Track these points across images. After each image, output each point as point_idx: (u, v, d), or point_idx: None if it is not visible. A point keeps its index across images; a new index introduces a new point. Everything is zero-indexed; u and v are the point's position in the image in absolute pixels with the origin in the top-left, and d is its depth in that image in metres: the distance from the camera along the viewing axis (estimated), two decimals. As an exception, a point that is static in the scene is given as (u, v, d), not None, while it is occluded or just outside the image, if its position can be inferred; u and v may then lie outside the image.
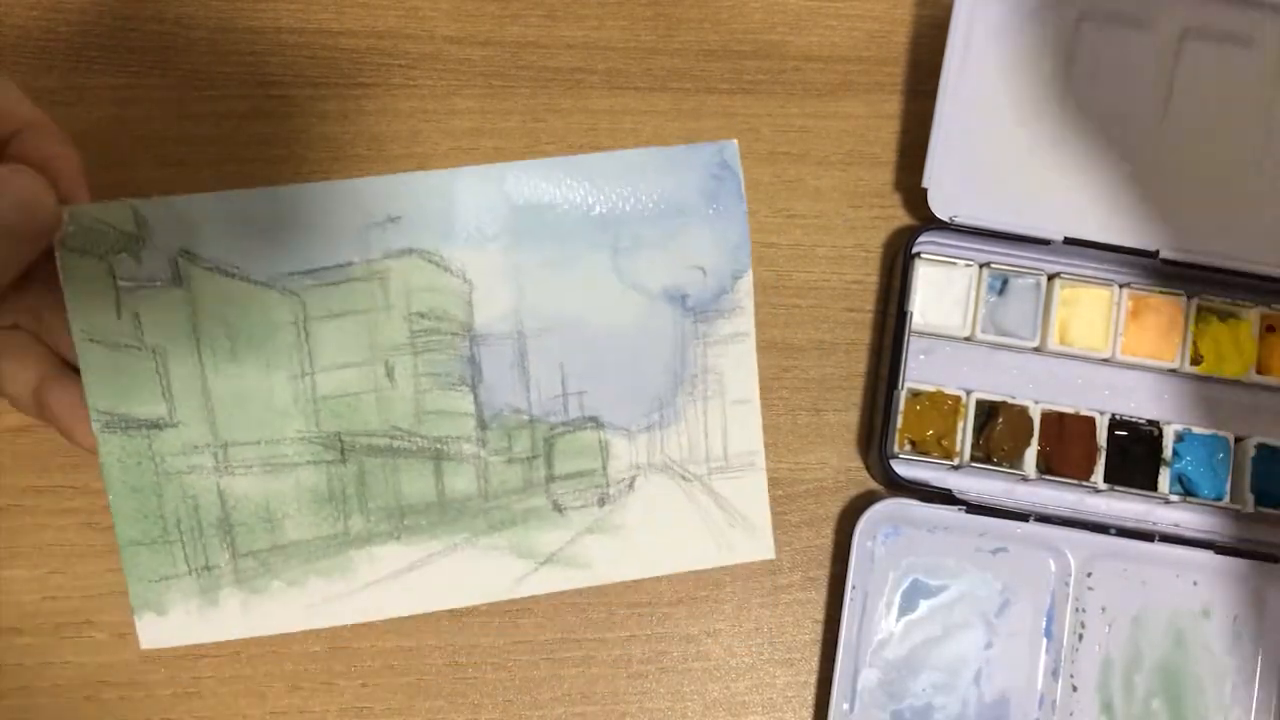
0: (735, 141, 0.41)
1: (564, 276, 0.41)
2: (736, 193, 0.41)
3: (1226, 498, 0.43)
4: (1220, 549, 0.43)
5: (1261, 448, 0.43)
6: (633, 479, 0.41)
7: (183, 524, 0.39)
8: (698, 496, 0.42)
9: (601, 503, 0.41)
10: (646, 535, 0.41)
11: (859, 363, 0.45)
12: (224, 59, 0.45)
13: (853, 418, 0.45)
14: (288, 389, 0.40)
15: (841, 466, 0.45)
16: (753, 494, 0.42)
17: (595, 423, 0.41)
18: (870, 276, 0.46)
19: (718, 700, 0.43)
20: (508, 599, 0.41)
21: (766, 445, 0.44)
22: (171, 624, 0.39)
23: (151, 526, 0.39)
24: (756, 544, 0.42)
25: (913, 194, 0.45)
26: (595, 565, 0.41)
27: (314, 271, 0.40)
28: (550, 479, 0.41)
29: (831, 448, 0.45)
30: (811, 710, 0.43)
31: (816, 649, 0.44)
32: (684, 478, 0.42)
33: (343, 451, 0.40)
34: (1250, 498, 0.43)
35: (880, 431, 0.43)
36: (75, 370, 0.37)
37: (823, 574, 0.44)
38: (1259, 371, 0.44)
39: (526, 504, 0.41)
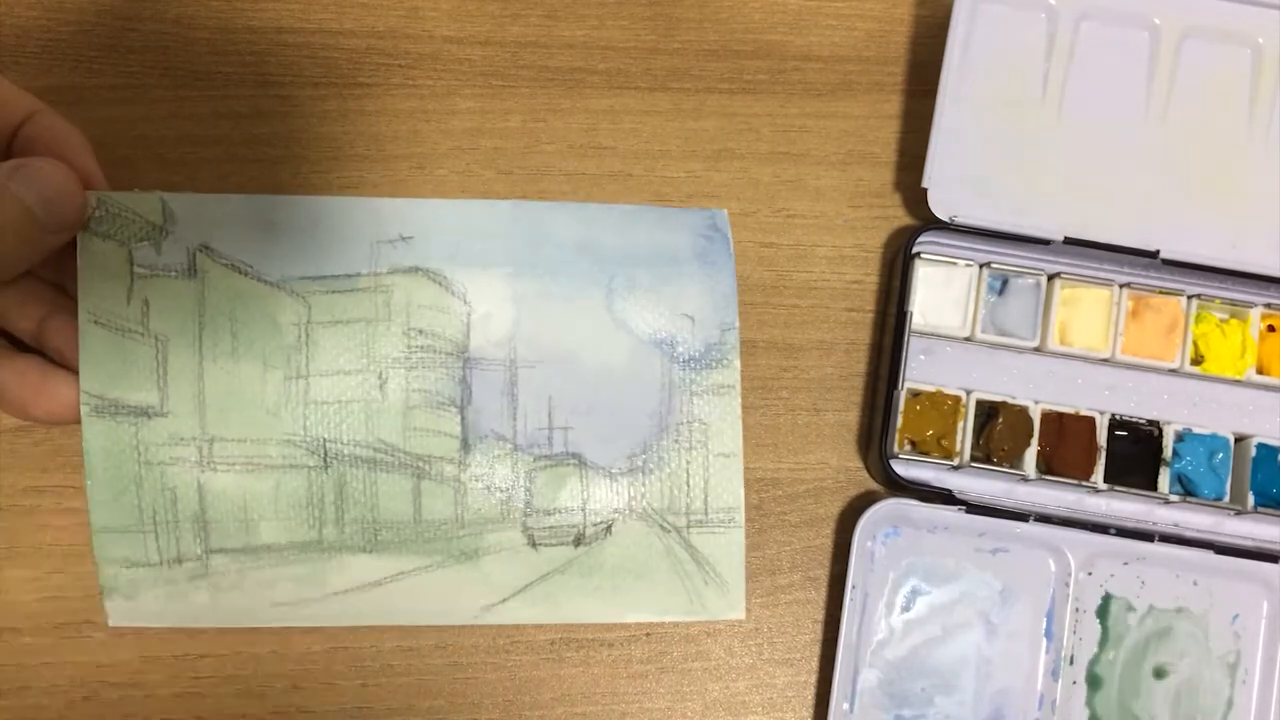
0: (725, 210, 0.43)
1: (560, 309, 0.42)
2: (726, 252, 0.43)
3: (1226, 498, 0.43)
4: (1220, 549, 0.43)
5: (1261, 448, 0.43)
6: (610, 523, 0.42)
7: (158, 515, 0.40)
8: (674, 549, 0.42)
9: (577, 543, 0.41)
10: (619, 581, 0.42)
11: (859, 363, 0.45)
12: (224, 59, 0.45)
13: (853, 418, 0.45)
14: (281, 389, 0.40)
15: (841, 466, 0.45)
16: (729, 553, 0.42)
17: (578, 460, 0.42)
18: (870, 276, 0.46)
19: (718, 700, 0.43)
20: (471, 625, 0.41)
21: (766, 445, 0.44)
22: (139, 608, 0.40)
23: (126, 515, 0.39)
24: (728, 603, 0.42)
25: (913, 194, 0.45)
26: (563, 605, 0.41)
27: (323, 278, 0.41)
28: (528, 512, 0.41)
29: (831, 448, 0.45)
30: (811, 710, 0.43)
31: (816, 649, 0.44)
32: (663, 528, 0.42)
33: (325, 459, 0.40)
34: (1250, 498, 0.43)
35: (880, 431, 0.43)
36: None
37: (823, 574, 0.44)
38: (1259, 371, 0.44)
39: (501, 534, 0.41)
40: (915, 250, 0.43)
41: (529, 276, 0.42)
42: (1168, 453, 0.43)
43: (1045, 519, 0.43)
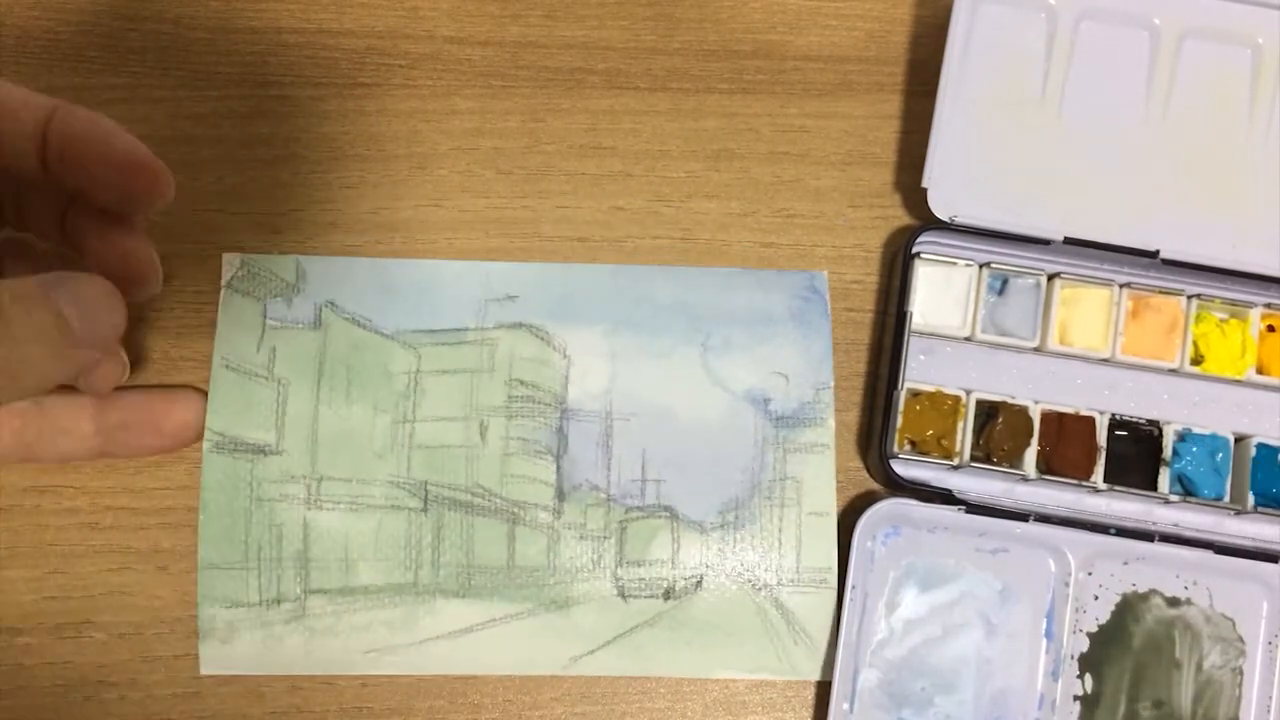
0: (825, 273, 0.45)
1: (656, 365, 0.43)
2: (823, 313, 0.44)
3: (1226, 498, 0.43)
4: (1220, 549, 0.43)
5: (1261, 448, 0.43)
6: (701, 577, 0.42)
7: (263, 552, 0.41)
8: (765, 607, 0.42)
9: (667, 596, 0.42)
10: (707, 637, 0.42)
11: (859, 363, 0.45)
12: (224, 59, 0.45)
13: (853, 418, 0.45)
14: (389, 433, 0.42)
15: (841, 466, 0.45)
16: (820, 612, 0.42)
17: (670, 513, 0.42)
18: (870, 276, 0.46)
19: (718, 700, 0.43)
20: (560, 675, 0.42)
21: (766, 445, 0.44)
22: (233, 652, 0.41)
23: (233, 551, 0.41)
24: (816, 664, 0.42)
25: (913, 194, 0.45)
26: (652, 658, 0.42)
27: (434, 332, 0.43)
28: (620, 563, 0.42)
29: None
30: (811, 710, 0.43)
31: (816, 649, 0.44)
32: (753, 585, 0.42)
33: (426, 501, 0.42)
34: (1250, 498, 0.43)
35: (880, 431, 0.43)
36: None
37: (823, 574, 0.44)
38: (1259, 371, 0.44)
39: (592, 584, 0.42)
40: (915, 250, 0.43)
41: (627, 333, 0.43)
42: (1168, 453, 0.43)
43: (1045, 519, 0.43)
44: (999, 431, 0.43)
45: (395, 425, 0.42)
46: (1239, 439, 0.44)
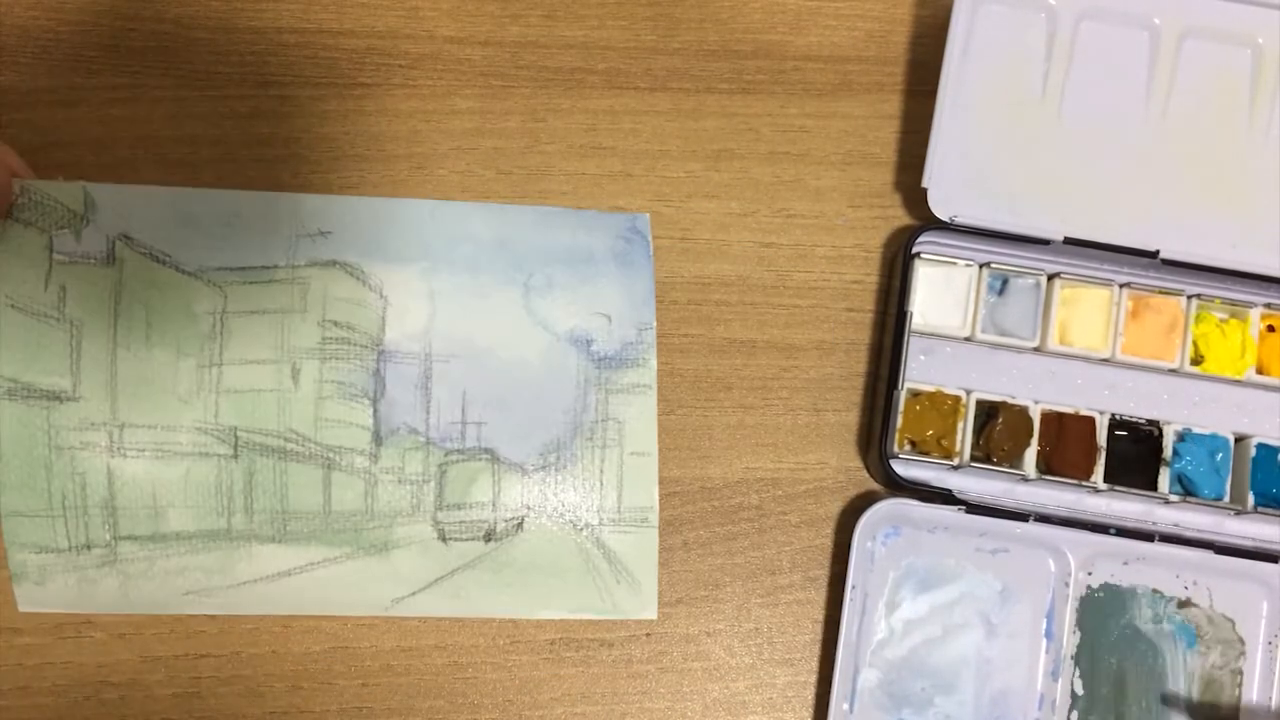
0: (648, 215, 0.44)
1: (476, 305, 0.42)
2: (645, 254, 0.43)
3: (1226, 498, 0.43)
4: (1220, 549, 0.43)
5: (1261, 448, 0.43)
6: (522, 519, 0.42)
7: (67, 500, 0.40)
8: (586, 547, 0.42)
9: (488, 538, 0.41)
10: (530, 578, 0.42)
11: (859, 363, 0.45)
12: (224, 59, 0.45)
13: (853, 418, 0.45)
14: (194, 377, 0.40)
15: (841, 466, 0.45)
16: (642, 552, 0.42)
17: (490, 455, 0.42)
18: (870, 276, 0.46)
19: (718, 700, 0.43)
20: (382, 617, 0.41)
21: (766, 445, 0.44)
22: (49, 593, 0.40)
23: (36, 499, 0.40)
24: (640, 602, 0.42)
25: (913, 194, 0.45)
26: (473, 600, 0.41)
27: (240, 270, 0.41)
28: (439, 506, 0.41)
29: (831, 448, 0.45)
30: (811, 710, 0.43)
31: (816, 649, 0.44)
32: (575, 525, 0.42)
33: (236, 447, 0.41)
34: (1250, 498, 0.43)
35: (880, 431, 0.43)
36: None
37: (823, 574, 0.44)
38: (1259, 371, 0.44)
39: (412, 528, 0.41)
40: (915, 250, 0.43)
41: (446, 272, 0.42)
42: (1168, 453, 0.43)
43: (1045, 519, 0.43)
44: (999, 431, 0.43)
45: (201, 369, 0.40)
46: (1239, 439, 0.44)
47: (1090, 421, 0.43)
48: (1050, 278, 0.44)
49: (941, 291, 0.44)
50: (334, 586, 0.41)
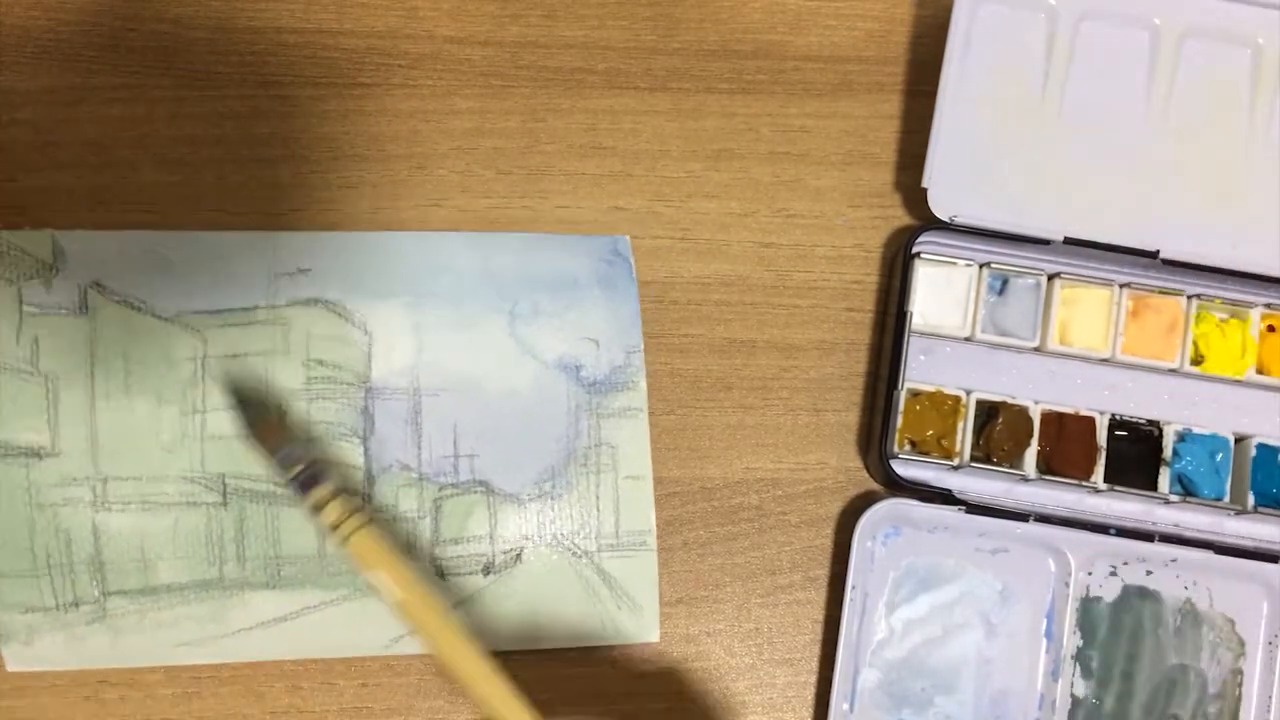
0: (628, 237, 0.44)
1: (462, 337, 0.42)
2: (628, 276, 0.43)
3: (1226, 498, 0.43)
4: (1220, 549, 0.43)
5: (1261, 448, 0.43)
6: (520, 550, 0.41)
7: (52, 559, 0.39)
8: (586, 574, 0.42)
9: (486, 571, 0.41)
10: (530, 609, 0.41)
11: (859, 363, 0.45)
12: (224, 59, 0.45)
13: (853, 418, 0.45)
14: (177, 425, 0.40)
15: (841, 466, 0.45)
16: (642, 575, 0.42)
17: (485, 487, 0.41)
18: (870, 276, 0.46)
19: (717, 700, 0.43)
20: (382, 656, 0.41)
21: (766, 445, 0.44)
22: (37, 652, 0.39)
23: (20, 560, 0.39)
24: (642, 626, 0.42)
25: (913, 194, 0.45)
26: (475, 634, 0.40)
27: (219, 312, 0.40)
28: (436, 542, 0.41)
29: (831, 448, 0.45)
30: (811, 710, 0.43)
31: (816, 649, 0.44)
32: (573, 553, 0.42)
33: (225, 495, 0.40)
34: (1250, 498, 0.43)
35: (880, 431, 0.43)
36: None
37: (823, 574, 0.44)
38: (1259, 371, 0.44)
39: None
40: (915, 250, 0.43)
41: (430, 304, 0.42)
42: (1168, 453, 0.43)
43: (1045, 519, 0.43)
44: (999, 431, 0.43)
45: (184, 417, 0.40)
46: (1239, 439, 0.44)
47: (1090, 421, 0.43)
48: (1050, 278, 0.44)
49: (941, 291, 0.44)
50: (331, 629, 0.40)
